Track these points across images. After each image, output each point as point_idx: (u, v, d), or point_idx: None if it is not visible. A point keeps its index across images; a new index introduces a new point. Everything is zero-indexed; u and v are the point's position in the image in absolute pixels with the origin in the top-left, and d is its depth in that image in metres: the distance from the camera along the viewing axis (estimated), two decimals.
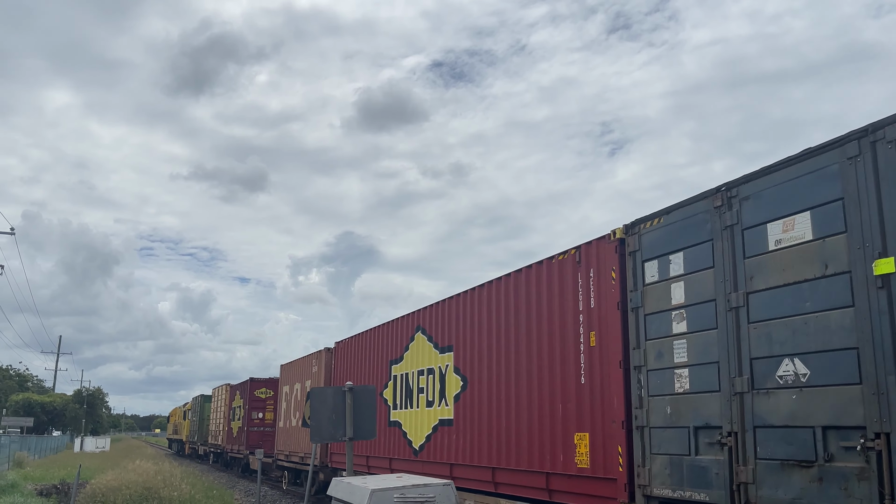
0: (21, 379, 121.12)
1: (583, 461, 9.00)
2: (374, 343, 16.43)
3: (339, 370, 18.71)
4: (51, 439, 61.34)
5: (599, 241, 9.10)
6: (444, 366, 12.94)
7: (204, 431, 42.39)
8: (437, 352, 13.22)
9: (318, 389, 9.81)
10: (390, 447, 14.85)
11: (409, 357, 14.42)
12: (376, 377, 16.03)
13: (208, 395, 43.03)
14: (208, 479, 28.41)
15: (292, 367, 23.33)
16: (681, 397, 7.50)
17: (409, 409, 14.15)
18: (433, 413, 13.14)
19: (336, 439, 9.42)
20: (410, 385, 14.21)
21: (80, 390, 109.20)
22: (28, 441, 43.52)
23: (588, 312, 9.17)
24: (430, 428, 13.18)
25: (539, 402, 9.98)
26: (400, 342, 14.94)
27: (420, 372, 13.85)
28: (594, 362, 8.97)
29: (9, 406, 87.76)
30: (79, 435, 75.71)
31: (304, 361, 21.94)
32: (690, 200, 7.68)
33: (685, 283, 7.60)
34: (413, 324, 14.40)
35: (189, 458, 48.89)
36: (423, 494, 6.65)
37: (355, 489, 6.86)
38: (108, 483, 18.36)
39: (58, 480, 24.13)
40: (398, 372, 14.90)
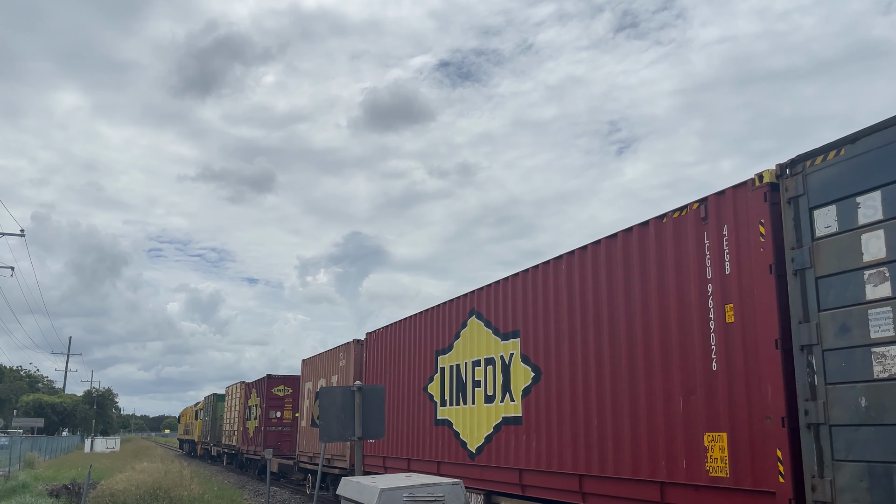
0: (31, 380, 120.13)
1: (718, 468, 7.00)
2: (414, 332, 14.44)
3: (372, 363, 16.73)
4: (61, 440, 60.54)
5: (737, 189, 7.09)
6: (507, 355, 10.95)
7: (217, 432, 40.45)
8: (498, 339, 11.23)
9: (326, 389, 9.62)
10: (438, 449, 12.87)
11: (461, 346, 12.43)
12: (418, 370, 14.06)
13: (221, 394, 41.10)
14: (220, 480, 27.09)
15: (316, 362, 21.37)
16: (885, 385, 5.51)
17: (462, 405, 12.17)
18: (494, 410, 11.16)
19: (345, 439, 9.28)
20: (463, 378, 12.23)
21: (90, 391, 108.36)
22: (38, 441, 42.93)
23: (721, 281, 7.17)
24: (491, 427, 11.19)
25: (647, 396, 7.98)
26: (448, 329, 12.96)
27: (475, 362, 11.87)
28: (732, 343, 6.97)
29: (19, 407, 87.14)
30: (89, 435, 75.15)
31: (330, 355, 19.98)
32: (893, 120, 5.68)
33: (887, 231, 5.61)
34: (465, 308, 12.42)
35: (202, 459, 46.94)
36: (433, 493, 6.55)
37: (364, 488, 6.76)
38: (118, 483, 18.36)
39: (68, 481, 23.88)
40: (446, 363, 12.93)
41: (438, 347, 13.29)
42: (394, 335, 15.50)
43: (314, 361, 21.51)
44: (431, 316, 13.70)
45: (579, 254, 9.42)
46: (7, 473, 26.30)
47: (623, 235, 8.61)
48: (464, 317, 12.42)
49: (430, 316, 13.77)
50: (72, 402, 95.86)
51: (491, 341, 11.43)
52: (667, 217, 7.96)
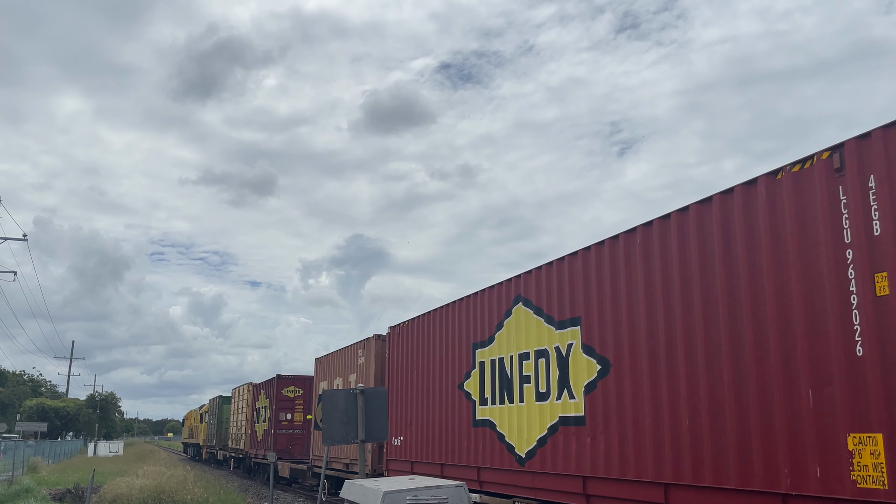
0: (35, 384, 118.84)
1: (868, 477, 5.57)
2: (447, 324, 13.00)
3: (396, 360, 15.29)
4: (64, 444, 60.03)
5: (888, 129, 5.69)
6: (564, 346, 9.52)
7: (223, 435, 38.96)
8: (552, 328, 9.79)
9: (329, 392, 9.45)
10: (478, 453, 11.43)
11: (505, 337, 11.00)
12: (452, 365, 12.62)
13: (227, 396, 39.63)
14: (224, 485, 25.58)
15: (331, 361, 19.92)
16: None
17: (507, 404, 10.73)
18: (549, 409, 9.72)
19: (348, 441, 9.18)
20: (508, 373, 10.79)
21: (93, 395, 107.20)
22: (42, 446, 42.32)
23: (866, 245, 5.74)
24: (544, 428, 9.75)
25: (760, 389, 6.54)
26: (488, 319, 11.53)
27: (523, 355, 10.43)
28: (888, 322, 5.57)
29: (23, 411, 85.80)
30: (92, 440, 74.15)
31: (348, 352, 18.54)
32: None
33: None
34: (509, 294, 10.98)
35: (207, 463, 45.40)
36: (436, 496, 6.52)
37: (368, 491, 6.73)
38: (121, 487, 18.13)
39: (72, 485, 23.67)
40: (486, 357, 11.49)
41: (476, 340, 11.85)
42: (422, 328, 14.07)
43: (329, 360, 20.07)
44: (467, 305, 12.27)
45: (660, 225, 7.98)
46: (10, 478, 26.09)
47: (720, 199, 7.17)
48: (507, 304, 10.99)
49: (465, 305, 12.34)
50: (75, 406, 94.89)
51: (543, 331, 9.99)
52: (783, 172, 6.53)
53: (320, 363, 21.04)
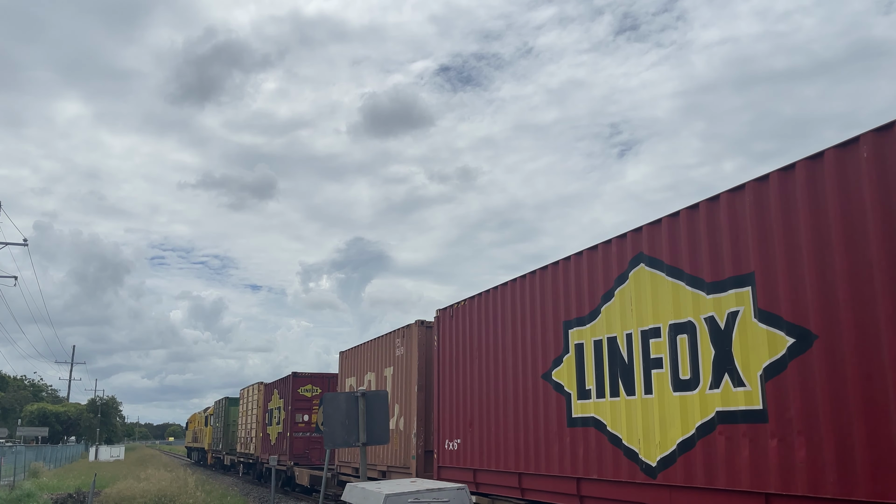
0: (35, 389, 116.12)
1: None
2: (523, 300, 10.34)
3: (449, 348, 12.62)
4: (66, 448, 58.47)
5: None
6: (722, 314, 6.90)
7: (230, 439, 36.16)
8: (700, 292, 7.17)
9: (330, 395, 9.41)
10: (577, 461, 8.77)
11: (618, 310, 8.37)
12: (532, 351, 9.96)
13: (234, 398, 36.84)
14: (229, 490, 24.81)
15: (361, 354, 17.24)
16: None
17: (624, 396, 8.10)
18: (696, 401, 7.09)
19: (349, 445, 9.12)
20: (624, 356, 8.16)
21: (94, 399, 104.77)
22: (43, 451, 41.28)
23: None
24: (691, 427, 7.12)
25: None
26: (588, 290, 8.89)
27: (650, 332, 7.80)
28: None
29: (24, 416, 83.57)
30: (93, 444, 72.23)
31: (382, 343, 15.87)
32: None
33: None
34: (622, 254, 8.36)
35: (212, 468, 42.49)
36: (438, 498, 6.37)
37: (369, 494, 6.64)
38: (122, 491, 17.89)
39: (73, 489, 23.36)
40: (587, 338, 8.86)
41: (570, 317, 9.20)
42: (486, 308, 11.41)
43: (359, 353, 17.39)
44: (555, 275, 9.62)
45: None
46: (12, 483, 25.49)
47: None
48: (620, 268, 8.36)
49: (552, 276, 9.69)
50: (76, 410, 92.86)
51: (683, 297, 7.37)
52: None
53: (347, 357, 18.35)
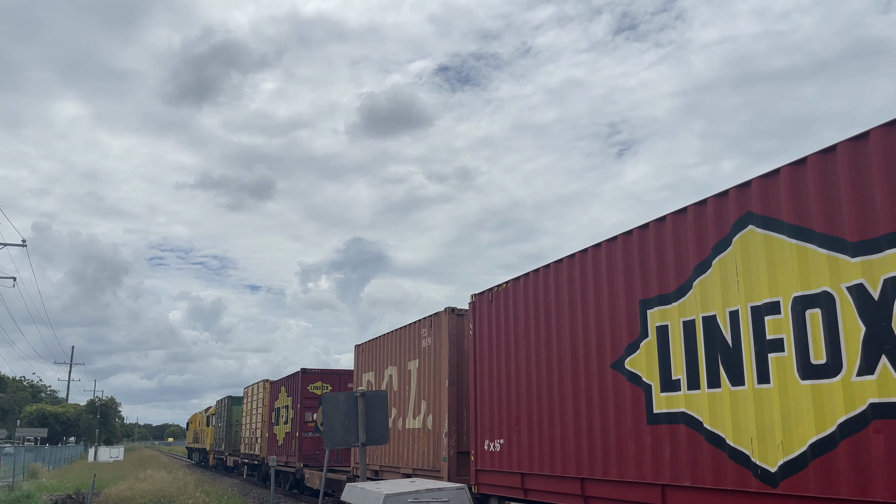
0: (34, 390, 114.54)
1: None
2: (583, 278, 8.84)
3: (487, 337, 11.10)
4: (65, 449, 57.73)
5: None
6: (875, 282, 5.45)
7: (233, 439, 34.61)
8: (841, 255, 5.72)
9: (329, 395, 9.44)
10: (661, 465, 7.29)
11: (717, 282, 6.89)
12: (598, 336, 8.48)
13: (237, 397, 35.30)
14: (226, 489, 23.87)
15: (380, 346, 15.74)
16: None
17: (728, 387, 6.65)
18: (838, 390, 5.64)
19: (349, 445, 9.06)
20: (727, 338, 6.70)
21: (93, 400, 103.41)
22: (42, 451, 41.08)
23: None
24: (829, 424, 5.67)
25: None
26: (675, 261, 7.42)
27: (766, 307, 6.33)
28: None
29: (23, 417, 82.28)
30: (92, 445, 71.10)
31: (406, 333, 14.37)
32: None
33: None
34: (723, 216, 6.86)
35: (215, 470, 40.88)
36: (437, 498, 6.31)
37: (369, 494, 6.61)
38: (122, 492, 17.76)
39: (73, 490, 23.29)
40: (673, 318, 7.39)
41: (649, 295, 7.73)
42: (533, 291, 9.92)
43: (378, 345, 15.89)
44: (626, 248, 8.15)
45: None
46: (11, 483, 25.34)
47: None
48: (720, 232, 6.89)
49: (622, 248, 8.22)
50: (75, 411, 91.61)
51: (814, 263, 5.90)
52: None
53: (364, 351, 16.85)
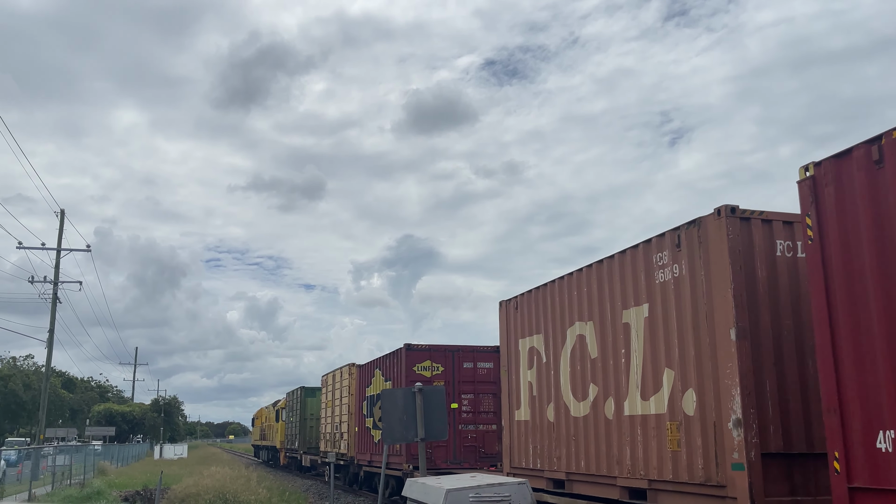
0: (102, 390, 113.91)
1: None
2: None
3: (873, 229, 5.65)
4: (132, 447, 57.29)
5: None
6: None
7: (309, 435, 29.76)
8: None
9: (388, 391, 9.31)
10: None
11: None
12: None
13: (311, 388, 30.48)
14: (288, 485, 22.94)
15: (556, 295, 10.23)
16: None
17: None
18: None
19: (408, 440, 8.84)
20: None
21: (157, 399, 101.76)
22: (110, 449, 41.62)
23: None
24: None
25: None
26: None
27: None
28: None
29: (91, 416, 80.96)
30: (157, 443, 68.69)
31: (616, 267, 8.83)
32: None
33: None
34: None
35: (287, 469, 36.12)
36: (499, 493, 6.23)
37: (430, 489, 6.49)
38: (188, 488, 17.97)
39: (140, 487, 23.46)
40: None
41: None
42: None
43: (553, 293, 10.37)
44: None
45: None
46: (82, 481, 25.18)
47: None
48: None
49: None
50: (140, 410, 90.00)
51: None
52: None
53: (521, 307, 11.41)
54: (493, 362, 16.95)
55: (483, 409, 16.73)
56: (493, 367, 16.87)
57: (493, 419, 16.75)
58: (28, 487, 20.86)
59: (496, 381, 17.05)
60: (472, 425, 16.61)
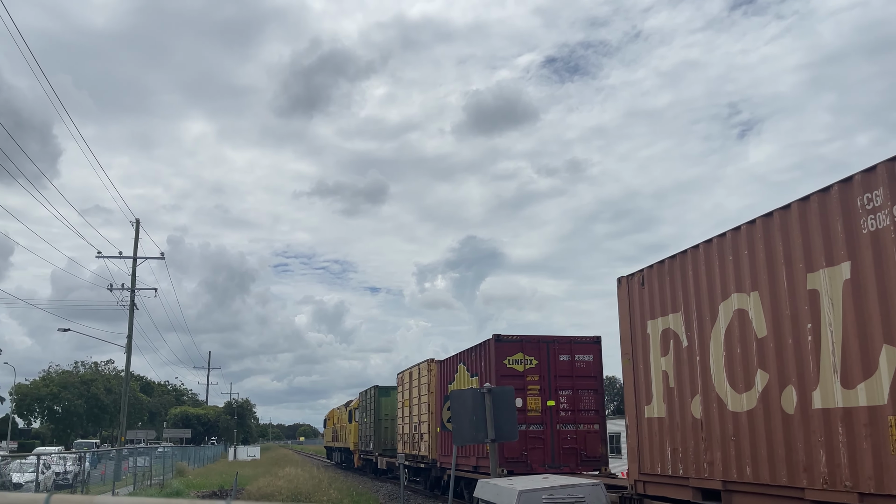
0: (177, 393, 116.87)
1: None
2: None
3: None
4: (208, 449, 58.21)
5: None
6: None
7: (385, 437, 28.42)
8: None
9: (457, 392, 9.13)
10: None
11: None
12: None
13: (385, 387, 29.16)
14: (358, 487, 23.67)
15: (700, 262, 8.35)
16: None
17: None
18: None
19: (478, 441, 8.74)
20: None
21: (230, 402, 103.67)
22: (188, 451, 42.67)
23: None
24: None
25: None
26: None
27: None
28: None
29: (168, 419, 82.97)
30: (231, 444, 69.57)
31: (792, 218, 6.95)
32: None
33: None
34: None
35: (361, 472, 34.93)
36: (573, 494, 6.08)
37: (502, 490, 6.38)
38: (262, 488, 18.12)
39: (217, 487, 23.98)
40: None
41: None
42: None
43: (693, 261, 8.47)
44: None
45: None
46: (162, 481, 25.75)
47: None
48: None
49: None
50: (214, 413, 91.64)
51: None
52: None
53: (650, 281, 9.46)
54: (593, 354, 15.03)
55: (583, 406, 14.81)
56: (594, 360, 14.97)
57: (594, 418, 14.83)
58: (111, 487, 21.38)
59: (597, 375, 15.13)
60: (571, 425, 14.73)
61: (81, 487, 19.40)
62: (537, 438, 14.55)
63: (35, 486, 17.25)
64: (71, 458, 24.23)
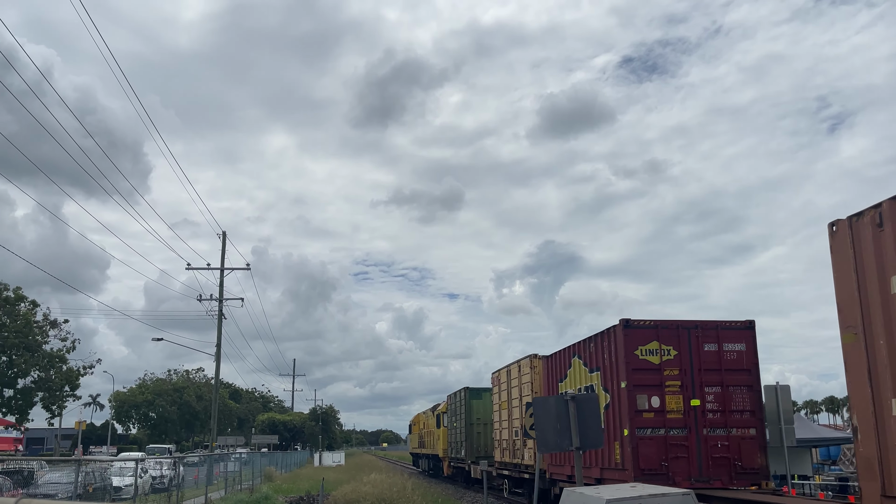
0: (264, 400, 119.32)
1: None
2: None
3: None
4: (294, 454, 58.87)
5: None
6: None
7: (477, 443, 26.46)
8: None
9: (540, 399, 9.01)
10: None
11: None
12: None
13: (476, 388, 27.24)
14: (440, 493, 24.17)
15: None
16: None
17: None
18: None
19: (563, 449, 8.70)
20: None
21: (314, 409, 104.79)
22: (275, 457, 43.22)
23: None
24: None
25: None
26: None
27: None
28: None
29: (256, 425, 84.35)
30: (317, 450, 69.72)
31: None
32: None
33: None
34: None
35: (451, 481, 32.96)
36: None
37: (589, 499, 6.23)
38: (347, 494, 18.52)
39: (304, 492, 24.33)
40: None
41: None
42: None
43: None
44: None
45: None
46: (251, 486, 26.04)
47: None
48: None
49: None
50: (300, 419, 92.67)
51: None
52: None
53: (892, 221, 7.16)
54: (746, 343, 12.54)
55: (736, 406, 12.32)
56: (747, 350, 12.48)
57: (751, 421, 12.30)
58: (204, 492, 21.76)
59: (751, 368, 12.61)
60: (721, 429, 12.25)
61: (177, 491, 19.04)
62: (680, 446, 12.19)
63: (133, 490, 17.07)
64: (167, 463, 25.13)
